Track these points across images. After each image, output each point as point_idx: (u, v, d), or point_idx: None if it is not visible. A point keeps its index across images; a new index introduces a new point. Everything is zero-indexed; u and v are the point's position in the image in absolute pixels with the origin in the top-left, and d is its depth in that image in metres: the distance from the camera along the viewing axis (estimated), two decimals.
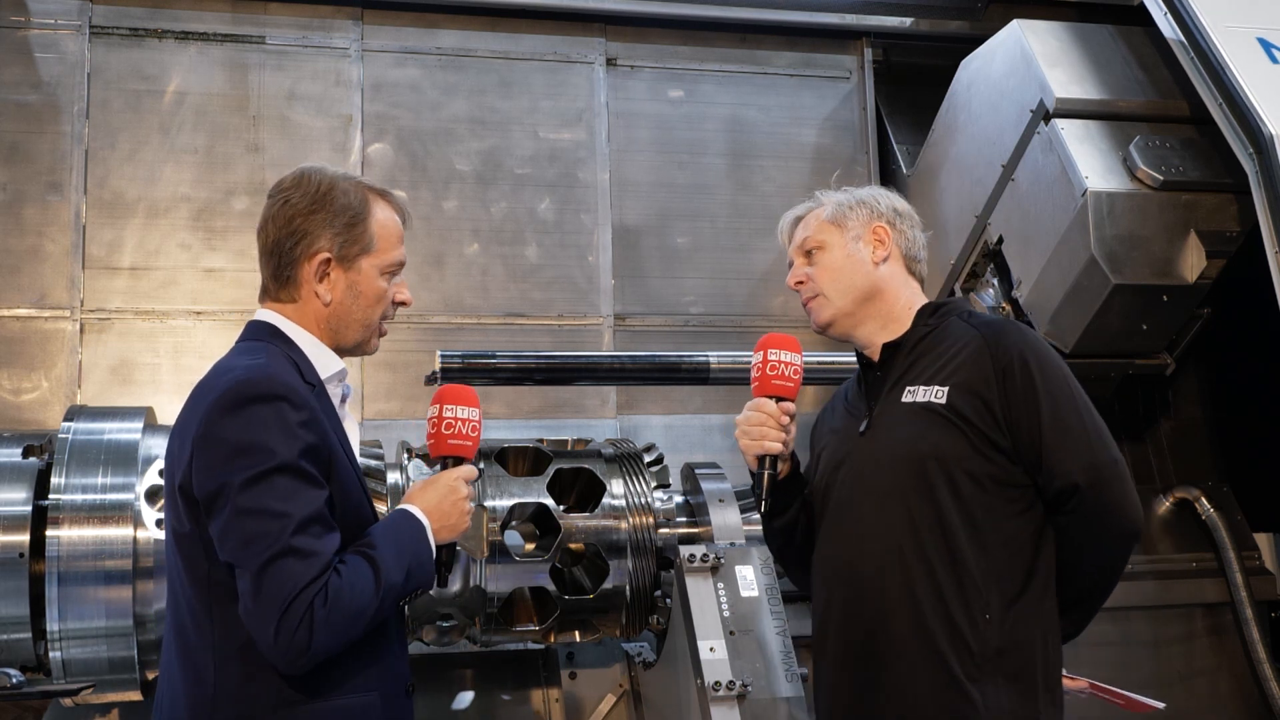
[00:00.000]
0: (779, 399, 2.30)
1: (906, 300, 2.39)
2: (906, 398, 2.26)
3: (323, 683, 1.92)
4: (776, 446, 2.29)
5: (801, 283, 2.42)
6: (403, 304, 2.18)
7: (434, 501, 2.10)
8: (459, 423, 2.19)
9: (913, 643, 2.16)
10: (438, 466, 2.22)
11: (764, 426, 2.28)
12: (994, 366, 2.20)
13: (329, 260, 2.05)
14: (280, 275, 2.07)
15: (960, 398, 2.20)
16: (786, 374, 2.30)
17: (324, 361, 2.09)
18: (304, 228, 2.04)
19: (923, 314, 2.37)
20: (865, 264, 2.37)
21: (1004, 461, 2.19)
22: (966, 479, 2.18)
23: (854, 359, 2.49)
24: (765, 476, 2.31)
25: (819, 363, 3.95)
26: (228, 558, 1.85)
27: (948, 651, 2.13)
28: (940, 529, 2.18)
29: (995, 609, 2.15)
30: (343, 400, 2.15)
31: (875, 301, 2.37)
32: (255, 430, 1.86)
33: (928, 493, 2.19)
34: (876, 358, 2.39)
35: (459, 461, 2.20)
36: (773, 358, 2.31)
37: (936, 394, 2.22)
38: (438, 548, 2.08)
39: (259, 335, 2.07)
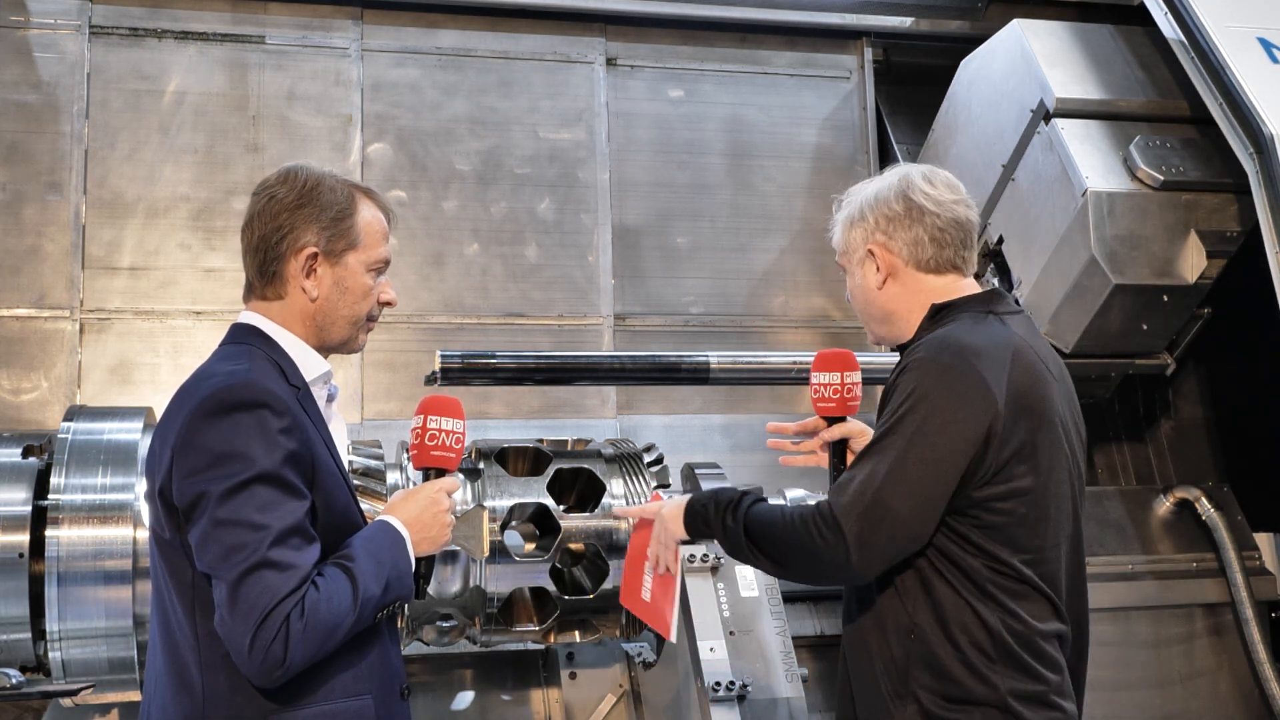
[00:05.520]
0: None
1: (920, 308, 2.24)
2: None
3: (315, 688, 1.90)
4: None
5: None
6: (388, 304, 2.15)
7: (415, 513, 2.07)
8: (442, 434, 2.15)
9: (861, 658, 2.17)
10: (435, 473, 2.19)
11: None
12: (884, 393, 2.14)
13: (316, 255, 2.04)
14: (266, 271, 2.05)
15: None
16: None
17: (309, 363, 2.06)
18: (290, 223, 2.03)
19: (924, 322, 2.23)
20: (870, 290, 2.26)
21: None
22: None
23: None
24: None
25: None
26: (205, 568, 1.84)
27: (878, 669, 2.11)
28: None
29: (924, 623, 2.06)
30: (329, 401, 2.13)
31: (892, 322, 2.28)
32: (236, 439, 1.84)
33: None
34: None
35: (441, 473, 2.17)
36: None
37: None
38: (416, 560, 2.06)
39: (242, 338, 2.05)
